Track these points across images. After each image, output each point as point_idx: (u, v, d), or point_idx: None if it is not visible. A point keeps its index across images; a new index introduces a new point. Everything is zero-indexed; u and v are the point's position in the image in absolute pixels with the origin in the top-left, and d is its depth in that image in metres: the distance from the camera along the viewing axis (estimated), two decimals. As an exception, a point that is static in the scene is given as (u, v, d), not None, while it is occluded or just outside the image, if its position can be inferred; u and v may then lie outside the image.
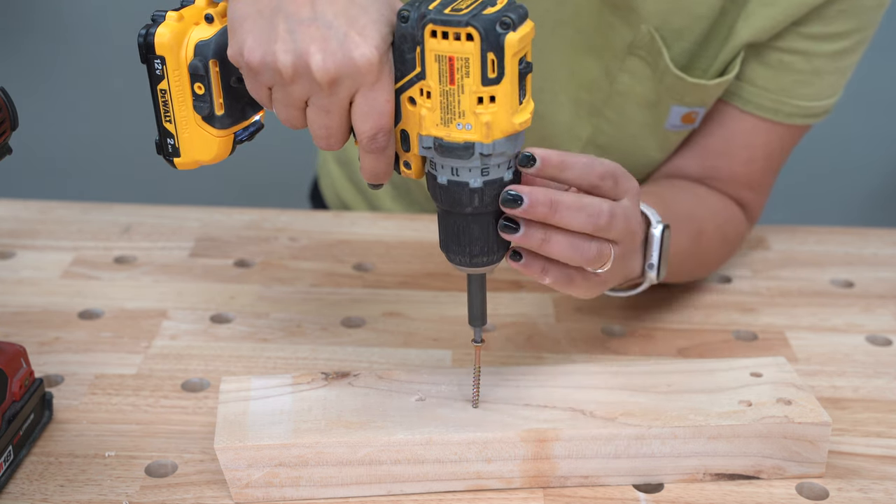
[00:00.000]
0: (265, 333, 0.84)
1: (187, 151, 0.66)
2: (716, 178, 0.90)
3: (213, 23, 0.63)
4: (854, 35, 0.84)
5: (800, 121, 0.87)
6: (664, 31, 0.84)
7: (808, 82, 0.85)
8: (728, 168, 0.90)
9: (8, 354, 0.67)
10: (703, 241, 0.85)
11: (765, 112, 0.87)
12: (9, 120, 0.63)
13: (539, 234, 0.61)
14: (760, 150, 0.89)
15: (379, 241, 1.00)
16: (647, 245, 0.74)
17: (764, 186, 0.92)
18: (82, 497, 0.65)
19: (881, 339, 0.85)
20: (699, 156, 0.91)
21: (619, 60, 0.86)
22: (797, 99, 0.86)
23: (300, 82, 0.58)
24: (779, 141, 0.89)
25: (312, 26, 0.57)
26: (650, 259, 0.74)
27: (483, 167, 0.59)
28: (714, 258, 0.89)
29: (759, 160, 0.89)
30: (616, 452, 0.66)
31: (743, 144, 0.89)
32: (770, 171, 0.91)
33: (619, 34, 0.85)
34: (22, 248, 0.97)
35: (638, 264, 0.74)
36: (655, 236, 0.74)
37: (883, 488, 0.67)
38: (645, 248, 0.74)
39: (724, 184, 0.90)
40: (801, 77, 0.85)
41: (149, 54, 0.63)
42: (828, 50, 0.84)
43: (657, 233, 0.74)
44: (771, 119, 0.87)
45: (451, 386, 0.69)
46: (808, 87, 0.86)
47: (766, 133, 0.88)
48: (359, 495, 0.66)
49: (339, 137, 0.61)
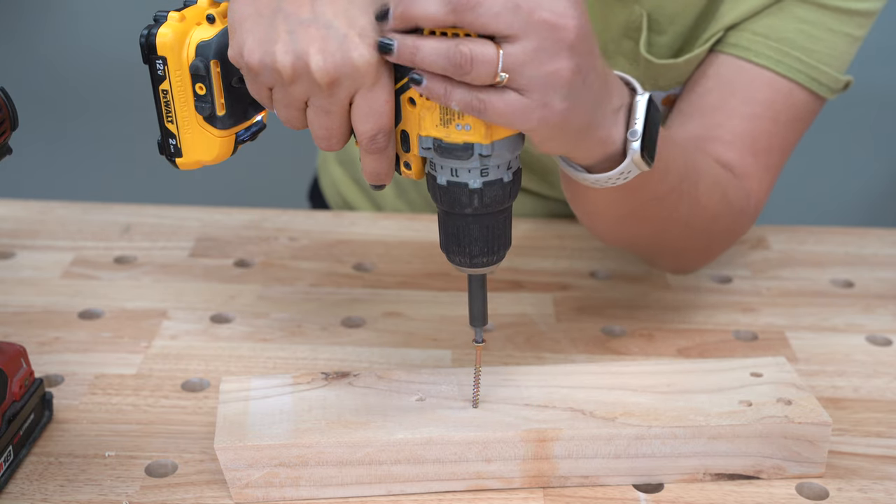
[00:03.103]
0: (265, 333, 0.84)
1: (189, 152, 0.66)
2: (718, 139, 0.82)
3: (215, 23, 0.63)
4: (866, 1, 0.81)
5: (804, 79, 0.82)
6: (658, 15, 0.83)
7: (812, 35, 0.81)
8: (730, 124, 0.82)
9: (8, 354, 0.67)
10: (700, 185, 0.76)
11: (765, 60, 0.81)
12: (9, 120, 0.63)
13: (409, 42, 0.56)
14: (764, 107, 0.82)
15: (379, 241, 1.00)
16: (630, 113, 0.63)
17: (770, 159, 0.84)
18: (82, 497, 0.65)
19: (881, 339, 0.85)
20: (697, 115, 0.84)
21: (616, 42, 0.86)
22: (800, 52, 0.81)
23: (300, 83, 0.58)
24: (783, 101, 0.82)
25: (312, 27, 0.57)
26: (633, 125, 0.63)
27: (482, 168, 0.59)
28: (711, 213, 0.79)
29: (763, 118, 0.82)
30: (616, 452, 0.66)
31: (743, 99, 0.82)
32: (777, 139, 0.83)
33: (616, 15, 0.84)
34: (22, 248, 0.97)
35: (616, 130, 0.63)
36: (640, 102, 0.63)
37: (883, 488, 0.67)
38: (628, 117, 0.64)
39: (728, 146, 0.82)
40: (804, 27, 0.81)
41: (150, 55, 0.63)
42: (835, 4, 0.80)
43: (643, 100, 0.63)
44: (773, 70, 0.82)
45: (451, 386, 0.69)
46: (813, 41, 0.81)
47: (769, 87, 0.82)
48: (359, 495, 0.66)
49: (340, 138, 0.61)
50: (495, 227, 0.61)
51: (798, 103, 0.83)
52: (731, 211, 0.81)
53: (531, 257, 0.97)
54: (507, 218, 0.62)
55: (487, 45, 0.55)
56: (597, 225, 0.78)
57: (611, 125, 0.62)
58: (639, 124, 0.62)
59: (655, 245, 0.83)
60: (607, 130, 0.62)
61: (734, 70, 0.83)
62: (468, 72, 0.55)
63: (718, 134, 0.82)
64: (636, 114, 0.63)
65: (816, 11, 0.81)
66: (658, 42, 0.85)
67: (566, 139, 0.60)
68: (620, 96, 0.63)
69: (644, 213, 0.74)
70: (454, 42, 0.55)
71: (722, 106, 0.83)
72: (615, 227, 0.77)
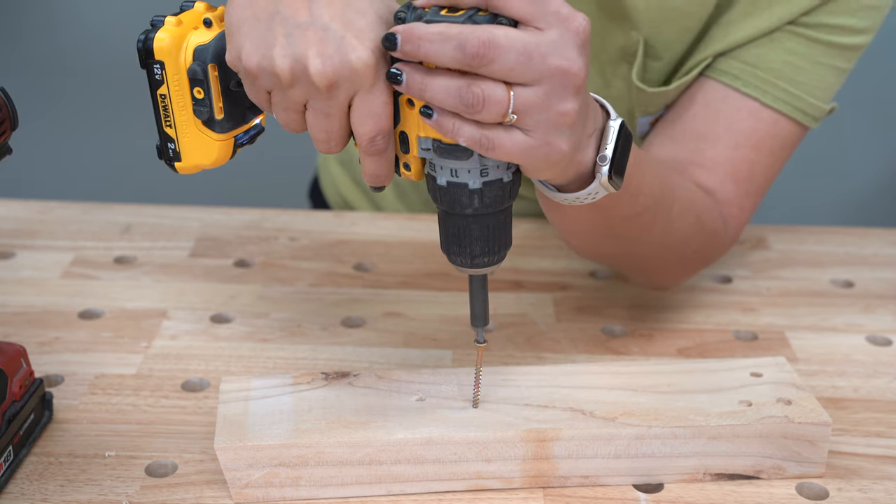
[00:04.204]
0: (265, 333, 0.84)
1: (188, 156, 0.65)
2: (699, 165, 0.83)
3: (212, 27, 0.63)
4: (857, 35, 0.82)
5: (789, 110, 0.83)
6: (655, 42, 0.84)
7: (799, 67, 0.82)
8: (712, 152, 0.83)
9: (8, 354, 0.67)
10: (674, 207, 0.76)
11: (752, 90, 0.82)
12: (9, 120, 0.63)
13: (418, 77, 0.56)
14: (746, 136, 0.83)
15: (379, 241, 1.00)
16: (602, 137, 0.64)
17: (751, 186, 0.85)
18: (82, 497, 0.65)
19: (881, 339, 0.85)
20: (679, 139, 0.85)
21: (613, 65, 0.86)
22: (787, 83, 0.82)
23: (298, 86, 0.58)
24: (767, 131, 0.83)
25: (309, 30, 0.57)
26: (603, 150, 0.63)
27: (482, 168, 0.59)
28: (684, 235, 0.79)
29: (745, 147, 0.83)
30: (616, 452, 0.66)
31: (727, 127, 0.83)
32: (759, 167, 0.84)
33: (614, 38, 0.85)
34: (22, 248, 0.97)
35: (588, 153, 0.63)
36: (612, 128, 0.64)
37: (883, 488, 0.67)
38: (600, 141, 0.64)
39: (708, 173, 0.83)
40: (792, 59, 0.82)
41: (148, 59, 0.62)
42: (824, 38, 0.82)
43: (615, 125, 0.64)
44: (758, 100, 0.82)
45: (451, 386, 0.69)
46: (800, 73, 0.82)
47: (753, 117, 0.83)
48: (359, 495, 0.66)
49: (339, 141, 0.61)
50: (496, 227, 0.61)
51: (782, 133, 0.84)
52: (705, 234, 0.82)
53: (531, 257, 0.97)
54: (507, 218, 0.62)
55: (499, 87, 0.55)
56: (570, 239, 0.79)
57: (584, 148, 0.63)
58: (609, 149, 0.63)
59: (628, 261, 0.83)
60: (581, 154, 0.63)
61: (720, 97, 0.84)
62: (479, 112, 0.55)
63: (700, 160, 0.83)
64: (608, 138, 0.64)
65: (807, 45, 0.82)
66: (653, 67, 0.86)
67: (557, 170, 0.61)
68: (595, 120, 0.63)
69: (616, 230, 0.74)
70: (466, 82, 0.55)
71: (706, 133, 0.84)
72: (588, 242, 0.78)
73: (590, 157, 0.64)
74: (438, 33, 0.55)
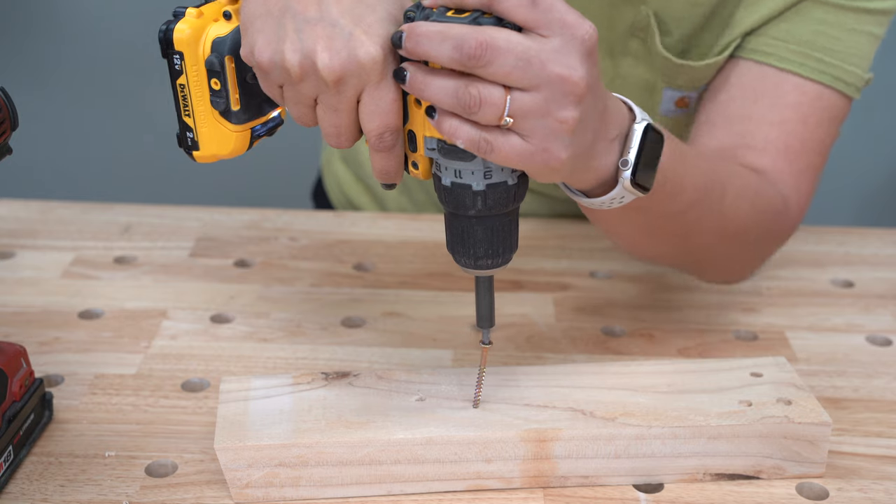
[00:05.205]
0: (265, 333, 0.84)
1: (206, 145, 0.66)
2: (748, 147, 0.81)
3: (231, 20, 0.64)
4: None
5: (829, 80, 0.81)
6: (665, 16, 0.83)
7: (832, 36, 0.81)
8: (759, 131, 0.81)
9: (8, 354, 0.67)
10: (725, 198, 0.75)
11: (788, 64, 0.81)
12: (9, 120, 0.63)
13: (420, 76, 0.57)
14: (792, 111, 0.81)
15: (379, 240, 1.00)
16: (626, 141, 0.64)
17: (804, 161, 0.82)
18: (82, 497, 0.65)
19: (881, 339, 0.85)
20: (724, 124, 0.83)
21: (622, 43, 0.86)
22: (822, 53, 0.81)
23: (308, 81, 0.59)
24: (810, 104, 0.81)
25: (318, 25, 0.57)
26: (626, 154, 0.63)
27: (486, 170, 0.59)
28: (740, 224, 0.77)
29: (791, 122, 0.81)
30: (616, 452, 0.66)
31: (770, 104, 0.81)
32: (809, 142, 0.82)
33: (622, 15, 0.84)
34: (22, 248, 0.97)
35: (609, 158, 0.63)
36: (636, 131, 0.63)
37: (883, 488, 0.67)
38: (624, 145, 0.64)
39: (758, 153, 0.81)
40: (823, 28, 0.81)
41: (168, 49, 0.64)
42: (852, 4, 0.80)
43: (639, 128, 0.63)
44: (796, 73, 0.81)
45: (451, 386, 0.69)
46: (833, 41, 0.81)
47: (795, 91, 0.81)
48: (359, 495, 0.66)
49: (349, 136, 0.62)
50: (500, 230, 0.61)
51: (827, 104, 0.83)
52: (765, 218, 0.80)
53: (531, 257, 0.97)
54: (512, 221, 0.62)
55: (496, 90, 0.56)
56: (618, 241, 0.78)
57: (604, 154, 0.62)
58: (631, 154, 0.63)
59: (686, 259, 0.82)
60: (600, 160, 0.62)
61: (757, 76, 0.83)
62: (475, 112, 0.56)
63: (748, 142, 0.82)
64: (631, 142, 0.63)
65: (834, 12, 0.81)
66: (664, 42, 0.85)
67: (561, 176, 0.61)
68: (618, 125, 0.63)
69: (662, 229, 0.73)
70: (464, 83, 0.55)
71: (748, 113, 0.82)
72: (633, 241, 0.77)
73: (611, 162, 0.63)
74: (438, 32, 0.55)
